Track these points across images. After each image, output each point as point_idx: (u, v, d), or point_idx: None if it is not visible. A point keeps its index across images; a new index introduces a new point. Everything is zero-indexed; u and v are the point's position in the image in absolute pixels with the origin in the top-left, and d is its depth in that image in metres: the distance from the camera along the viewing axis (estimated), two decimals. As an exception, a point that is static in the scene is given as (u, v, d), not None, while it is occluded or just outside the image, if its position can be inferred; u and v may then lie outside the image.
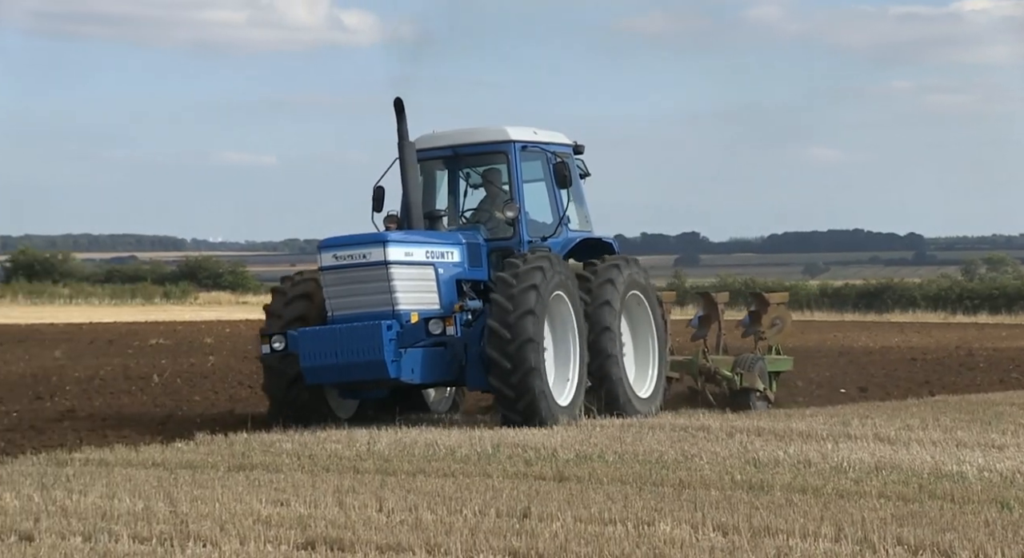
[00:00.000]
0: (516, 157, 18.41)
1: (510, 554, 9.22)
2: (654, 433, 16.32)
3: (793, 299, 75.71)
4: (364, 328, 16.73)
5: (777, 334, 21.43)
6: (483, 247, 18.28)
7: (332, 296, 17.24)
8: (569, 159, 18.94)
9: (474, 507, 11.06)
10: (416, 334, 16.94)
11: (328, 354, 16.75)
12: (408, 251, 17.35)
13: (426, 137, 18.71)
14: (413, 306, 17.19)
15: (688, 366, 20.33)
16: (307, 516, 10.73)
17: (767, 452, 14.36)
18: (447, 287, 17.68)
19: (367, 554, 9.30)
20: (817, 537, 9.73)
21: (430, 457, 14.35)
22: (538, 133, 18.84)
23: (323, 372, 16.84)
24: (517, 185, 18.36)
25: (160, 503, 11.44)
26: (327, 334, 16.88)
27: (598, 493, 11.83)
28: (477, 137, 18.76)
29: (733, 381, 20.12)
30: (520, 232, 18.26)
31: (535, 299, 16.89)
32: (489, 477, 12.90)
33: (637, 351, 19.19)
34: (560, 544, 9.47)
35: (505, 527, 10.16)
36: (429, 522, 10.43)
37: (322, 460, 14.20)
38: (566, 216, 18.65)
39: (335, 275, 17.24)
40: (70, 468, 13.80)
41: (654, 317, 19.17)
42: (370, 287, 17.15)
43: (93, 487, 12.39)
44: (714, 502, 11.26)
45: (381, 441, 15.61)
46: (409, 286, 17.26)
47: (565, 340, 17.75)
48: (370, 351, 16.66)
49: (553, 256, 17.63)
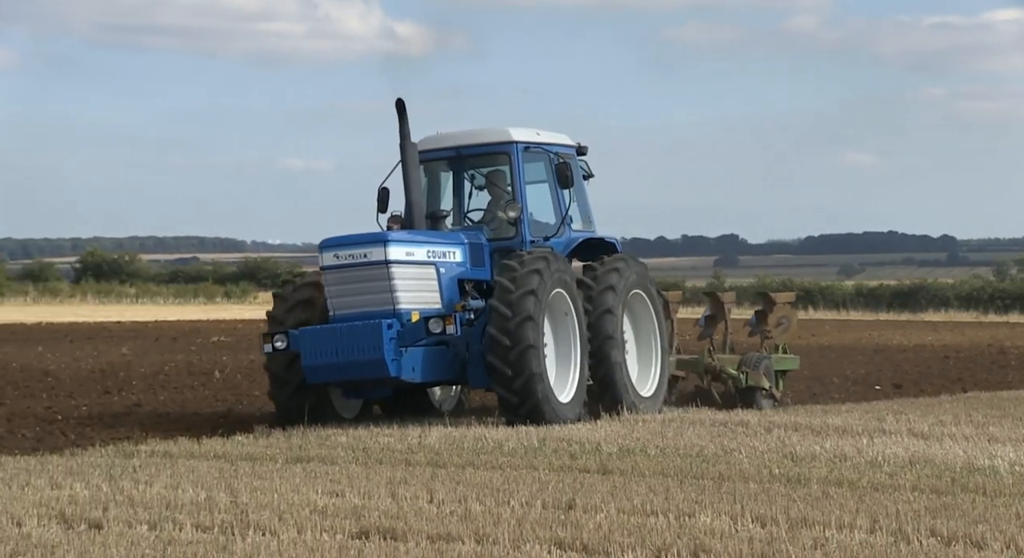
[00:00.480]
0: (518, 158, 17.92)
1: (556, 544, 9.21)
2: (694, 428, 16.27)
3: (829, 299, 75.71)
4: (365, 327, 16.28)
5: (783, 333, 20.90)
6: (486, 247, 17.82)
7: (333, 295, 16.80)
8: (572, 160, 18.48)
9: (521, 499, 11.05)
10: (416, 333, 16.47)
11: (329, 353, 16.31)
12: (409, 251, 16.90)
13: (430, 138, 18.29)
14: (414, 305, 16.72)
15: (694, 365, 19.93)
16: (361, 507, 10.75)
17: (804, 446, 14.29)
18: (449, 286, 17.21)
19: (418, 543, 9.31)
20: (853, 528, 9.67)
21: (479, 450, 14.35)
22: (541, 134, 18.38)
23: (324, 371, 16.40)
24: (519, 185, 17.87)
25: (221, 493, 11.49)
26: (328, 333, 16.45)
27: (640, 485, 11.80)
28: (480, 138, 18.26)
29: (738, 380, 19.67)
30: (522, 232, 17.79)
31: (534, 304, 16.41)
32: (535, 470, 12.89)
33: (640, 350, 18.69)
34: (604, 535, 9.45)
35: (551, 518, 10.14)
36: (478, 513, 10.43)
37: (375, 453, 14.23)
38: (568, 216, 18.17)
39: (336, 274, 16.79)
40: (136, 459, 13.89)
41: (656, 316, 18.64)
42: (371, 286, 16.68)
43: (158, 478, 12.46)
44: (753, 494, 11.21)
45: (432, 435, 15.62)
46: (410, 285, 16.80)
47: (566, 336, 17.28)
48: (371, 350, 16.20)
49: (550, 255, 17.07)
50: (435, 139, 18.31)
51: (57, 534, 9.74)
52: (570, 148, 18.71)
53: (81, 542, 9.36)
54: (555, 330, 17.15)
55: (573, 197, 18.27)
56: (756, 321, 20.96)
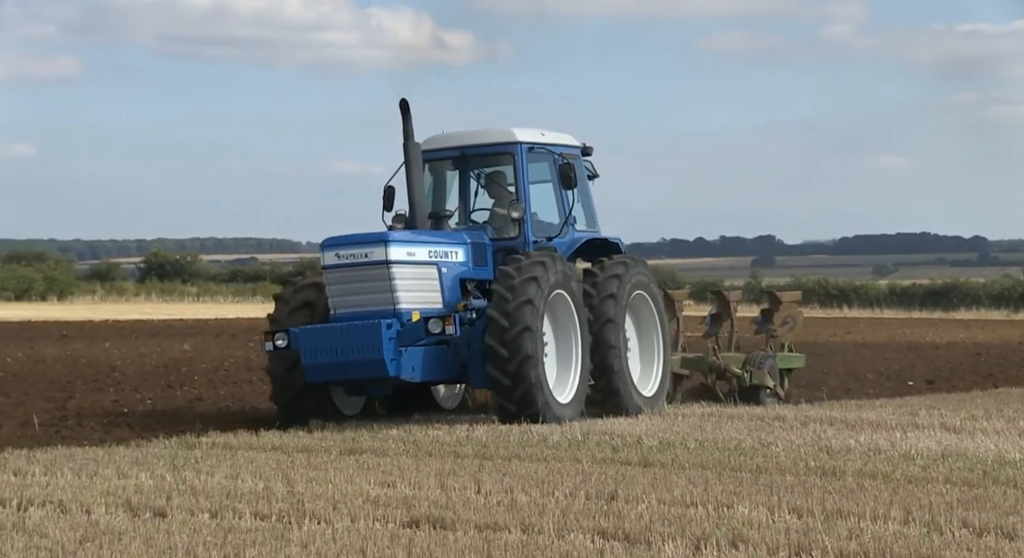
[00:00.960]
0: (522, 158, 17.25)
1: (599, 534, 9.19)
2: (732, 422, 16.21)
3: (863, 298, 75.17)
4: (364, 327, 15.65)
5: (789, 332, 20.18)
6: (489, 247, 17.12)
7: (334, 294, 16.16)
8: (576, 161, 17.82)
9: (565, 490, 11.04)
10: (416, 333, 15.83)
11: (328, 352, 15.68)
12: (410, 250, 16.26)
13: (435, 138, 17.69)
14: (415, 305, 16.07)
15: (699, 363, 19.35)
16: (412, 497, 10.76)
17: (839, 440, 14.22)
18: (451, 286, 16.53)
19: (467, 532, 9.31)
20: (887, 520, 9.61)
21: (524, 443, 14.35)
22: (545, 134, 17.68)
23: (324, 370, 15.77)
24: (523, 185, 17.22)
25: (279, 484, 11.53)
26: (328, 332, 15.83)
27: (680, 477, 11.77)
28: (484, 138, 17.61)
29: (742, 378, 18.99)
30: (525, 232, 17.13)
31: (535, 290, 15.82)
32: (579, 462, 12.88)
33: (642, 349, 18.00)
34: (645, 524, 9.43)
35: (594, 508, 10.13)
36: (524, 503, 10.43)
37: (425, 445, 14.25)
38: (572, 216, 17.51)
39: (337, 274, 16.17)
40: (198, 451, 13.96)
41: (659, 316, 17.96)
42: (372, 286, 16.04)
43: (219, 468, 12.52)
44: (789, 486, 11.16)
45: (479, 429, 15.63)
46: (410, 285, 16.16)
47: (567, 339, 16.63)
48: (370, 349, 15.57)
49: (548, 257, 16.37)
50: (440, 139, 17.75)
51: (124, 521, 9.80)
52: (575, 149, 18.10)
53: (146, 529, 9.42)
54: (556, 329, 16.58)
55: (577, 197, 17.65)
56: (762, 320, 20.36)
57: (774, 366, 19.35)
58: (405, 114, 16.93)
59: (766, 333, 20.23)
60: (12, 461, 13.01)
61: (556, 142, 17.76)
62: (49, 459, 13.14)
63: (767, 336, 20.21)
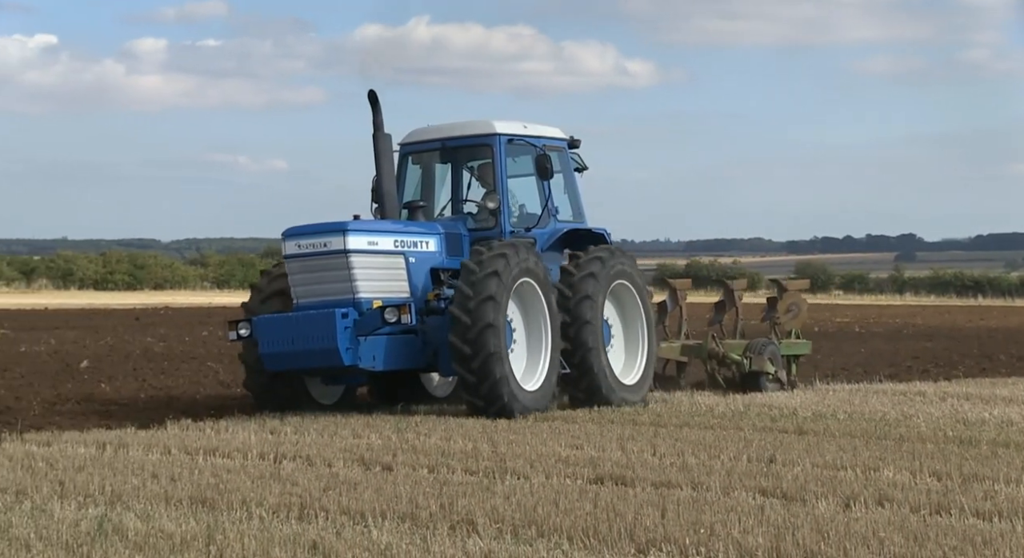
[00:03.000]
0: (501, 150, 15.10)
1: (759, 492, 9.10)
2: (878, 397, 15.84)
3: (996, 289, 72.58)
4: (318, 316, 13.76)
5: (793, 320, 18.05)
6: (465, 237, 15.13)
7: (296, 284, 14.24)
8: (560, 153, 15.70)
9: (729, 454, 10.94)
10: (374, 322, 13.84)
11: (285, 341, 13.82)
12: (372, 240, 14.26)
13: (418, 131, 15.73)
14: (377, 294, 14.08)
15: (698, 351, 17.17)
16: (596, 457, 10.78)
17: (975, 413, 13.79)
18: (420, 276, 14.58)
19: (644, 489, 9.30)
20: (1019, 483, 9.30)
21: (693, 414, 14.26)
22: (528, 127, 15.51)
23: (281, 359, 13.93)
24: (499, 176, 15.05)
25: (484, 444, 11.62)
26: (284, 322, 13.97)
27: (831, 444, 11.55)
28: (465, 130, 15.49)
29: (742, 364, 16.81)
30: (501, 223, 15.07)
31: (496, 285, 13.76)
32: (741, 430, 12.74)
33: (627, 339, 15.69)
34: (800, 484, 9.29)
35: (755, 470, 10.02)
36: (693, 465, 10.37)
37: (608, 414, 14.25)
38: (553, 207, 15.38)
39: (298, 263, 14.23)
40: (418, 417, 14.17)
41: (643, 306, 15.66)
42: (331, 275, 14.09)
43: (435, 431, 12.69)
44: (929, 453, 10.87)
45: (653, 401, 15.58)
46: (371, 274, 14.17)
47: (537, 327, 14.49)
48: (324, 339, 13.65)
49: (521, 243, 14.34)
50: (422, 131, 15.73)
51: (358, 474, 10.00)
52: (560, 141, 15.86)
53: (376, 480, 9.61)
54: (526, 317, 14.49)
55: (564, 189, 15.68)
56: (768, 308, 18.34)
57: (775, 352, 17.17)
58: (374, 105, 14.99)
59: (770, 321, 18.21)
60: (268, 422, 13.42)
61: (539, 134, 15.61)
62: (298, 421, 13.50)
63: (771, 323, 18.17)
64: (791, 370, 17.74)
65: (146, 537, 7.51)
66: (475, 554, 7.10)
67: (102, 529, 7.70)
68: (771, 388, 16.84)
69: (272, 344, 13.91)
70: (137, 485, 9.32)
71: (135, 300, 54.37)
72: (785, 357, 17.56)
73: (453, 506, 8.43)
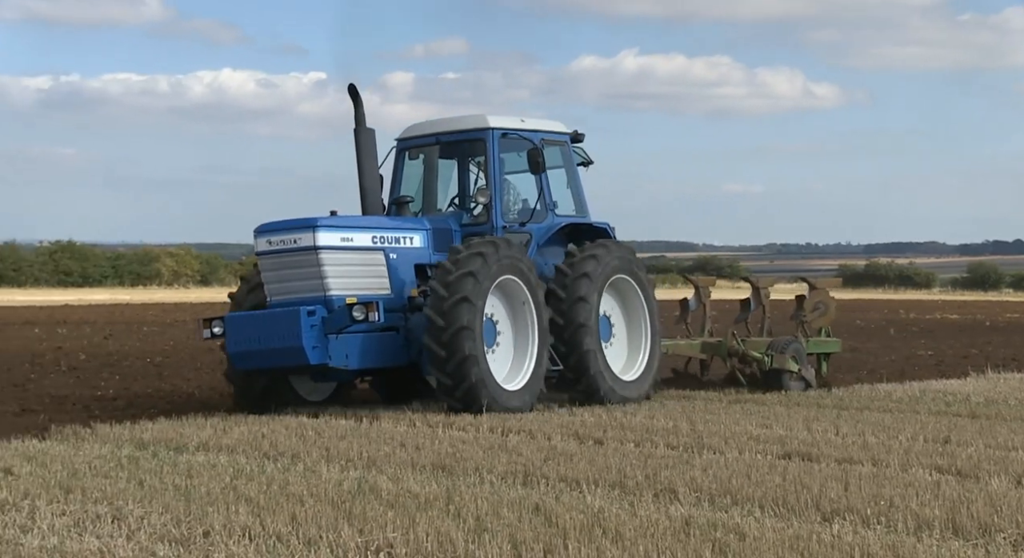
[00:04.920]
0: (494, 144, 13.11)
1: (935, 469, 8.72)
2: (1048, 385, 14.98)
3: None
4: (284, 314, 11.83)
5: (820, 318, 15.73)
6: (457, 232, 13.13)
7: (268, 281, 12.34)
8: (562, 147, 13.68)
9: (907, 434, 10.52)
10: (342, 320, 11.82)
11: (252, 340, 11.89)
12: (345, 236, 12.30)
13: (415, 126, 13.78)
14: (352, 291, 12.10)
15: (718, 348, 15.12)
16: (784, 436, 10.53)
17: None
18: (402, 272, 12.63)
19: (828, 464, 9.04)
20: None
21: (872, 398, 13.77)
22: (525, 121, 13.47)
23: (248, 357, 11.99)
24: (492, 171, 13.06)
25: (684, 423, 11.51)
26: (251, 320, 12.06)
27: (1003, 427, 10.97)
28: (459, 125, 13.44)
29: (763, 362, 14.70)
30: (493, 218, 13.07)
31: (472, 286, 11.90)
32: (917, 414, 12.23)
33: (630, 333, 13.68)
34: (974, 463, 8.86)
35: (931, 449, 9.61)
36: (873, 444, 10.02)
37: (793, 397, 13.91)
38: (551, 202, 13.40)
39: (270, 260, 12.31)
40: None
41: (646, 300, 13.59)
42: (302, 272, 12.15)
43: (640, 410, 12.61)
44: (1098, 438, 10.21)
45: (835, 387, 15.12)
46: (344, 271, 12.22)
47: (523, 323, 12.58)
48: (289, 337, 11.71)
49: (504, 240, 12.42)
50: (418, 127, 13.78)
51: (573, 446, 10.02)
52: (563, 135, 13.75)
53: (589, 452, 9.60)
54: (512, 313, 12.60)
55: (568, 183, 13.74)
56: (796, 305, 16.04)
57: (799, 350, 14.89)
58: (355, 100, 12.98)
59: (798, 319, 15.93)
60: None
61: (537, 128, 13.50)
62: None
63: (798, 321, 15.90)
64: (821, 368, 15.65)
65: (396, 496, 7.72)
66: (677, 518, 7.05)
67: (360, 488, 7.95)
68: (794, 387, 14.73)
69: (239, 343, 11.96)
70: (388, 452, 9.60)
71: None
72: (815, 355, 15.56)
73: (656, 476, 8.37)
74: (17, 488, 7.98)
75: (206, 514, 7.11)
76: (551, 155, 13.51)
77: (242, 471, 8.65)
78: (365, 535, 6.56)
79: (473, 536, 6.52)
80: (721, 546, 6.34)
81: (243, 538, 6.57)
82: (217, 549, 6.36)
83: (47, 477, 8.39)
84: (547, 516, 7.10)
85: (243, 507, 7.29)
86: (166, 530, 6.77)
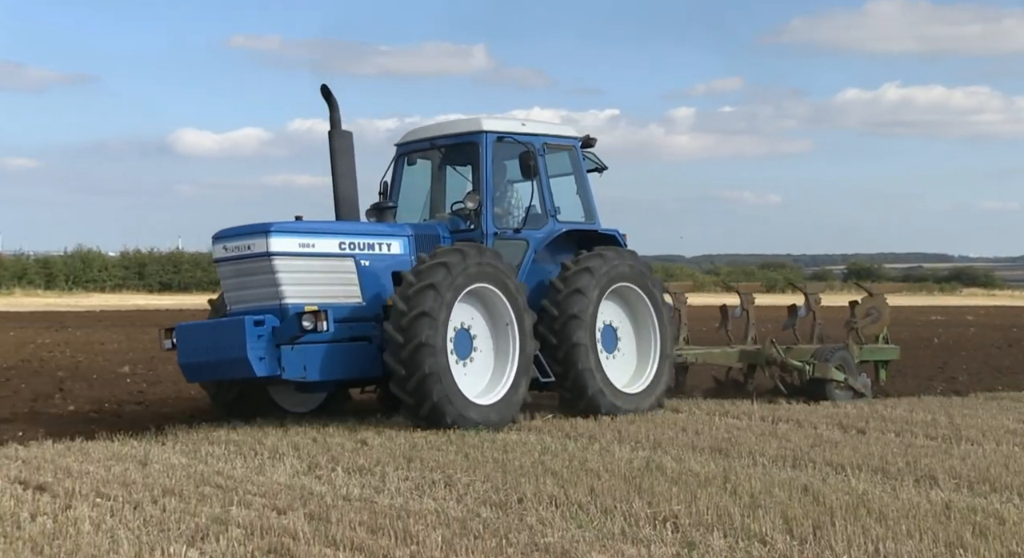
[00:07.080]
0: (486, 149, 10.84)
1: None
2: None
3: None
4: (229, 323, 9.71)
5: (872, 324, 13.27)
6: (446, 239, 10.87)
7: (226, 289, 10.21)
8: (570, 152, 11.41)
9: None
10: (291, 329, 9.67)
11: (201, 351, 9.80)
12: (305, 241, 10.09)
13: (412, 131, 11.62)
14: (312, 299, 9.97)
15: (756, 356, 12.62)
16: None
17: None
18: (376, 279, 10.43)
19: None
20: None
21: None
22: (527, 125, 11.19)
23: (198, 369, 9.91)
24: (484, 175, 10.81)
25: (942, 417, 10.73)
26: (200, 330, 9.94)
27: None
28: (452, 129, 11.24)
29: (804, 371, 12.29)
30: (483, 224, 10.82)
31: (433, 299, 9.70)
32: None
33: (639, 342, 11.30)
34: None
35: None
36: None
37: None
38: (552, 207, 11.09)
39: (226, 267, 10.18)
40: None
41: (655, 308, 11.22)
42: (257, 279, 10.03)
43: (900, 404, 11.82)
44: None
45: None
46: (303, 278, 10.05)
47: (503, 332, 10.25)
48: (234, 348, 9.57)
49: (472, 248, 10.12)
50: (415, 131, 11.60)
51: (838, 434, 9.53)
52: (571, 140, 11.43)
53: (853, 441, 9.12)
54: (493, 327, 10.29)
55: (577, 189, 11.44)
56: (850, 312, 13.52)
57: (846, 359, 12.47)
58: (329, 102, 10.87)
59: (849, 325, 13.42)
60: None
61: (540, 132, 11.26)
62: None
63: (849, 328, 13.39)
64: (879, 376, 13.26)
65: (679, 474, 7.67)
66: (937, 502, 6.60)
67: (648, 466, 7.95)
68: (840, 397, 12.31)
69: (188, 354, 9.91)
70: (671, 436, 9.54)
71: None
72: (871, 363, 13.17)
73: (917, 463, 7.87)
74: (371, 456, 8.44)
75: (519, 484, 7.33)
76: (558, 160, 11.35)
77: (548, 448, 8.84)
78: (653, 507, 6.57)
79: (748, 511, 6.39)
80: (981, 529, 5.90)
81: (550, 505, 6.74)
82: (529, 513, 6.55)
83: (393, 449, 8.82)
84: (815, 496, 6.83)
85: (549, 479, 7.47)
86: (487, 496, 7.03)
